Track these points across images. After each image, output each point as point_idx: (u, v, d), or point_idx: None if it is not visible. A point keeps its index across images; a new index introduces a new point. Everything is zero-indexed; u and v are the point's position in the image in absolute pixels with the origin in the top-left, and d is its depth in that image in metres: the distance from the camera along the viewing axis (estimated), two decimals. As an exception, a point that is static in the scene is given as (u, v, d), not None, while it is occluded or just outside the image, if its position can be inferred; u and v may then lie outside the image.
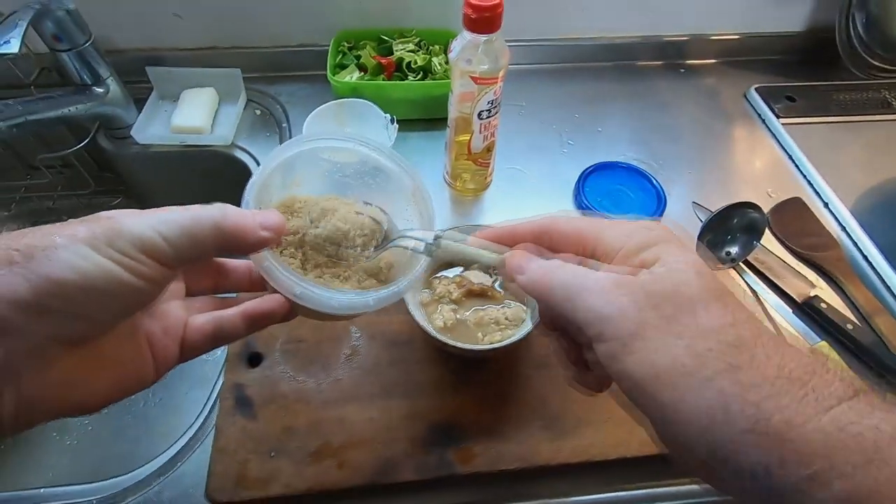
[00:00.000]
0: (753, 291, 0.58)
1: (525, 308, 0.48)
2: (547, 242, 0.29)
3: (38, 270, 0.22)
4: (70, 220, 0.24)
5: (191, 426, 0.48)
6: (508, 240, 0.30)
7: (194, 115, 0.72)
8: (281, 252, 0.33)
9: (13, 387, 0.23)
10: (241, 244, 0.27)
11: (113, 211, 0.25)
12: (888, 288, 0.58)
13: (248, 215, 0.27)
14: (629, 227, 0.27)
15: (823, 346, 0.53)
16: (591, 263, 0.27)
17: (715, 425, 0.21)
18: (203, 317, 0.31)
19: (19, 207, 0.85)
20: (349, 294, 0.31)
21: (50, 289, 0.22)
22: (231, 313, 0.31)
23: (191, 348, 0.30)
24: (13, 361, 0.22)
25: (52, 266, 0.22)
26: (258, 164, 0.71)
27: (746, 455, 0.21)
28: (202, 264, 0.33)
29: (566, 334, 0.30)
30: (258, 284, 0.33)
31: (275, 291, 0.30)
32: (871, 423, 0.20)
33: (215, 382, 0.50)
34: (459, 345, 0.43)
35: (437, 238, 0.31)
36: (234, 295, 0.33)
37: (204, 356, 0.58)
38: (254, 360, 0.48)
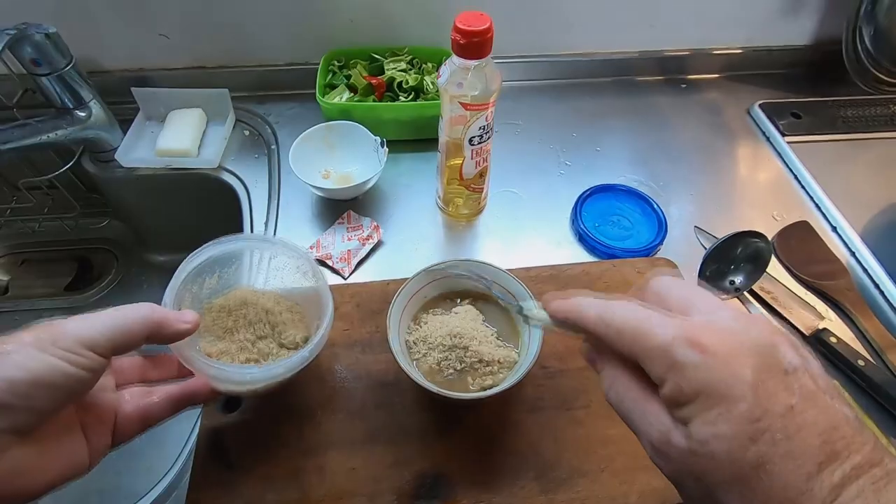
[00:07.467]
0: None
1: (516, 350, 0.46)
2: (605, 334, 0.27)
3: None
4: (22, 327, 0.29)
5: (166, 474, 0.45)
6: (573, 323, 0.29)
7: (180, 137, 0.70)
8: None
9: None
10: (164, 334, 0.33)
11: (57, 318, 0.31)
12: (902, 320, 0.55)
13: (172, 313, 0.34)
14: (668, 359, 0.24)
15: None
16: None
17: None
18: (129, 405, 0.35)
19: (5, 230, 0.83)
20: (257, 369, 0.39)
21: (4, 387, 0.26)
22: (156, 400, 0.36)
23: (121, 435, 0.34)
24: None
25: (4, 368, 0.27)
26: (245, 186, 0.69)
27: None
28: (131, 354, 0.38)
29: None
30: (184, 370, 0.38)
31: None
32: None
33: (199, 415, 0.48)
34: (446, 393, 0.41)
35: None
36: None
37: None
38: (231, 404, 0.46)
